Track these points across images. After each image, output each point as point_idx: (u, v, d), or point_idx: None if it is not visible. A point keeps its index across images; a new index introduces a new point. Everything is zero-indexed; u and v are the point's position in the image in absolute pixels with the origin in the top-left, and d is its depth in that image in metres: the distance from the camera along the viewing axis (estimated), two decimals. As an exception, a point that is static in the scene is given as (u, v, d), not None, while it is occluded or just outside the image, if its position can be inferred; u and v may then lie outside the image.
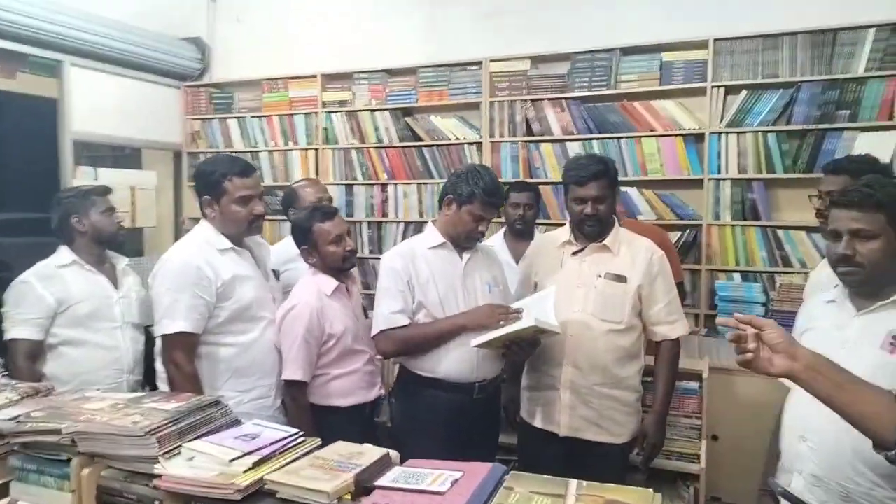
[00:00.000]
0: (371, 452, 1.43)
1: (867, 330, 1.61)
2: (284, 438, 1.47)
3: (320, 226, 2.35)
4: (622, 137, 3.57)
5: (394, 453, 1.46)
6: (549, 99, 3.73)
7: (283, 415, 2.25)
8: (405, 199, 4.12)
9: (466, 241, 2.29)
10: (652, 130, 3.52)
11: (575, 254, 2.30)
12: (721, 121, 3.39)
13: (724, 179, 3.39)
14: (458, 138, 3.96)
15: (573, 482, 1.33)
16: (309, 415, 2.22)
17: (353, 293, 2.46)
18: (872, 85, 3.11)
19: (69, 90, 3.88)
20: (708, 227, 3.43)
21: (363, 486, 1.30)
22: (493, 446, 2.41)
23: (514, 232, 3.24)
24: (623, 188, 3.49)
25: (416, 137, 4.09)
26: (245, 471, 1.31)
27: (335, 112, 4.26)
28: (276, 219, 4.30)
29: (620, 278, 2.23)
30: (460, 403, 2.21)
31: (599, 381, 2.21)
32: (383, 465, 1.40)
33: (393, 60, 4.15)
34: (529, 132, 3.80)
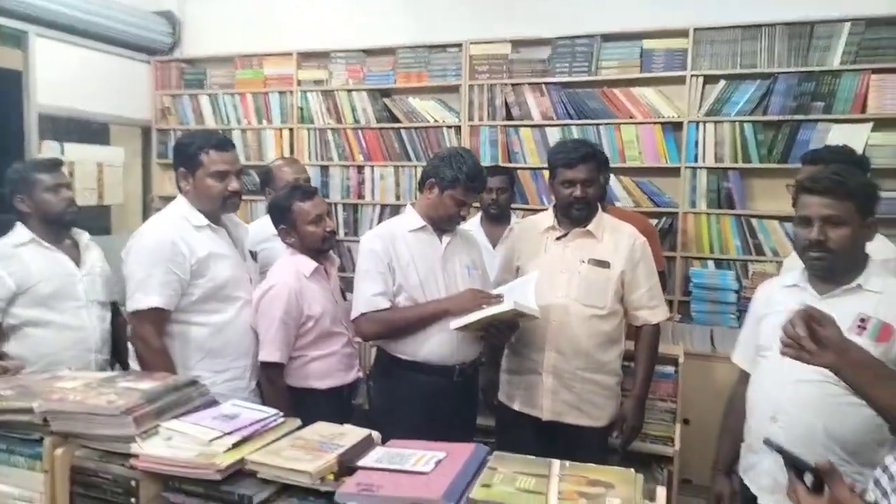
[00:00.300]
0: (353, 433, 1.42)
1: (834, 313, 1.65)
2: (264, 419, 1.44)
3: (300, 205, 2.30)
4: (601, 124, 3.58)
5: (376, 434, 1.45)
6: (529, 83, 3.71)
7: (257, 397, 2.22)
8: (382, 182, 4.08)
9: (448, 225, 2.28)
10: (631, 118, 3.54)
11: (558, 239, 2.31)
12: (699, 110, 3.42)
13: (701, 168, 3.43)
14: (436, 121, 3.93)
15: (556, 462, 1.33)
16: (286, 396, 2.19)
17: (332, 275, 2.43)
18: (847, 78, 3.17)
19: (34, 62, 3.74)
20: (684, 215, 3.47)
21: (346, 466, 1.29)
22: (471, 429, 2.40)
23: (490, 216, 3.24)
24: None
25: (394, 119, 4.05)
26: (225, 451, 1.28)
27: (311, 91, 4.19)
28: (250, 199, 4.23)
29: (603, 264, 2.24)
30: (440, 386, 2.20)
31: (582, 365, 2.23)
32: (366, 445, 1.39)
33: (371, 40, 4.09)
34: (509, 116, 3.79)
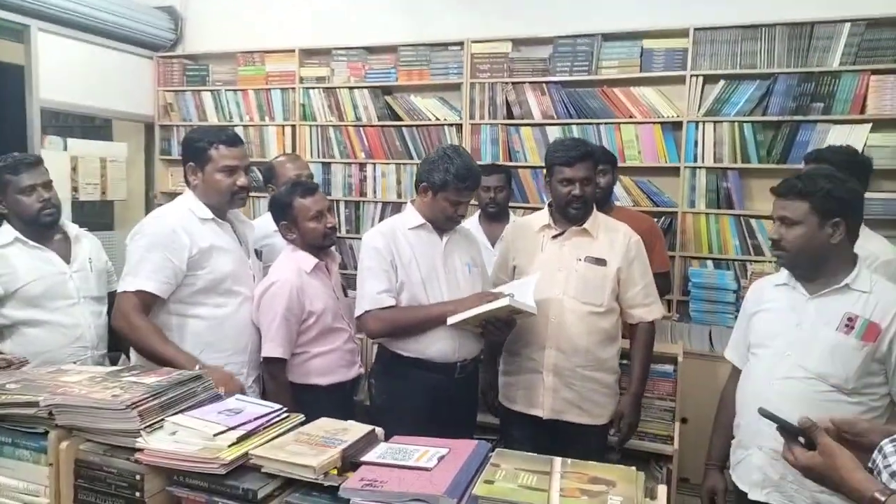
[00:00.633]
0: (357, 429, 1.43)
1: (822, 312, 1.73)
2: (268, 414, 1.46)
3: (301, 201, 2.31)
4: (601, 123, 3.59)
5: (379, 430, 1.46)
6: (530, 82, 3.72)
7: (254, 393, 2.22)
8: (383, 179, 4.08)
9: (447, 225, 2.29)
10: (631, 117, 3.55)
11: (555, 237, 2.32)
12: (699, 110, 3.43)
13: (700, 168, 3.44)
14: (437, 119, 3.94)
15: (558, 460, 1.35)
16: (288, 392, 2.20)
17: (333, 271, 2.43)
18: (846, 79, 3.18)
19: (37, 56, 3.74)
20: (683, 215, 3.48)
21: (350, 461, 1.30)
22: (471, 426, 2.43)
23: (488, 215, 3.25)
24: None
25: (396, 117, 4.05)
26: (230, 445, 1.30)
27: (313, 88, 4.19)
28: (253, 195, 4.22)
29: (600, 261, 2.26)
30: (442, 383, 2.21)
31: (582, 363, 2.24)
32: (369, 441, 1.40)
33: (373, 38, 4.09)
34: (510, 115, 3.79)
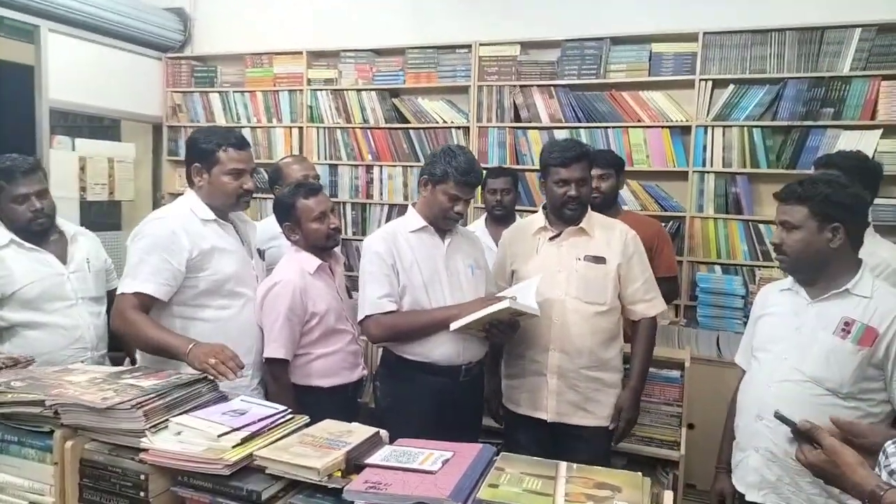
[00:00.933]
0: (361, 431, 1.43)
1: (821, 317, 1.75)
2: (273, 415, 1.46)
3: (304, 202, 2.31)
4: (610, 127, 3.58)
5: (383, 432, 1.45)
6: (537, 85, 3.72)
7: (259, 395, 2.20)
8: (390, 181, 4.09)
9: (444, 223, 2.26)
10: (639, 121, 3.54)
11: (552, 239, 2.30)
12: (708, 114, 3.42)
13: (709, 172, 3.43)
14: (445, 122, 3.94)
15: (563, 464, 1.34)
16: (291, 394, 2.18)
17: (337, 272, 2.43)
18: (857, 84, 3.16)
19: (46, 57, 3.76)
20: (691, 220, 3.47)
21: (354, 463, 1.30)
22: (476, 429, 2.41)
23: (494, 217, 3.24)
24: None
25: (403, 119, 4.06)
26: (234, 446, 1.30)
27: (321, 90, 4.20)
28: (260, 196, 4.25)
29: (600, 260, 2.25)
30: (446, 386, 2.20)
31: (585, 364, 2.23)
32: (373, 443, 1.40)
33: (381, 40, 4.10)
34: (517, 118, 3.79)
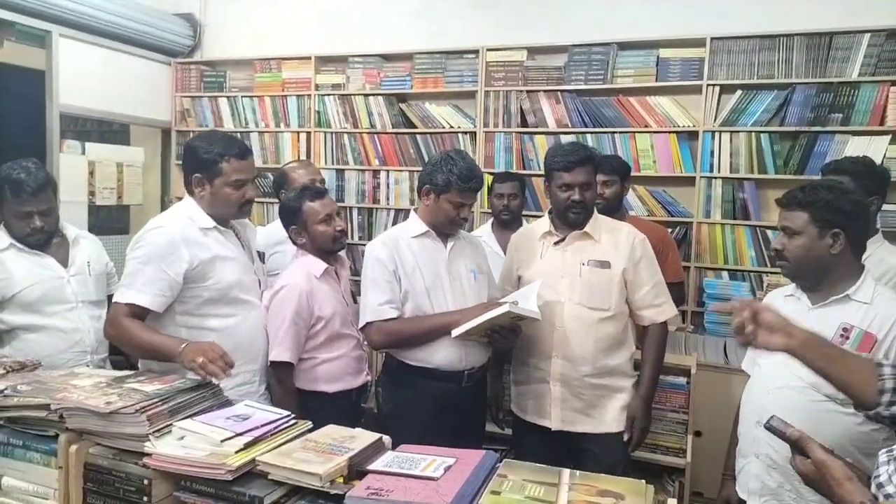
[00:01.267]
0: (364, 436, 1.43)
1: (821, 323, 1.74)
2: (276, 420, 1.46)
3: (310, 205, 2.32)
4: (617, 132, 3.58)
5: (386, 438, 1.46)
6: (544, 91, 3.72)
7: (267, 401, 2.19)
8: (397, 186, 4.09)
9: (450, 229, 2.28)
10: (646, 126, 3.53)
11: (556, 244, 2.29)
12: (715, 119, 3.41)
13: (716, 178, 3.42)
14: (451, 127, 3.94)
15: (566, 471, 1.34)
16: (295, 398, 2.19)
17: (342, 277, 2.43)
18: (865, 89, 3.14)
19: (57, 62, 3.79)
20: (698, 225, 3.45)
21: (356, 469, 1.30)
22: (480, 435, 2.41)
23: (501, 222, 3.24)
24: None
25: (410, 124, 4.06)
26: (237, 451, 1.30)
27: (328, 95, 4.21)
28: (266, 201, 4.27)
29: (604, 264, 2.22)
30: (449, 392, 2.20)
31: (589, 371, 2.20)
32: (376, 449, 1.40)
33: (388, 45, 4.11)
34: (524, 123, 3.79)
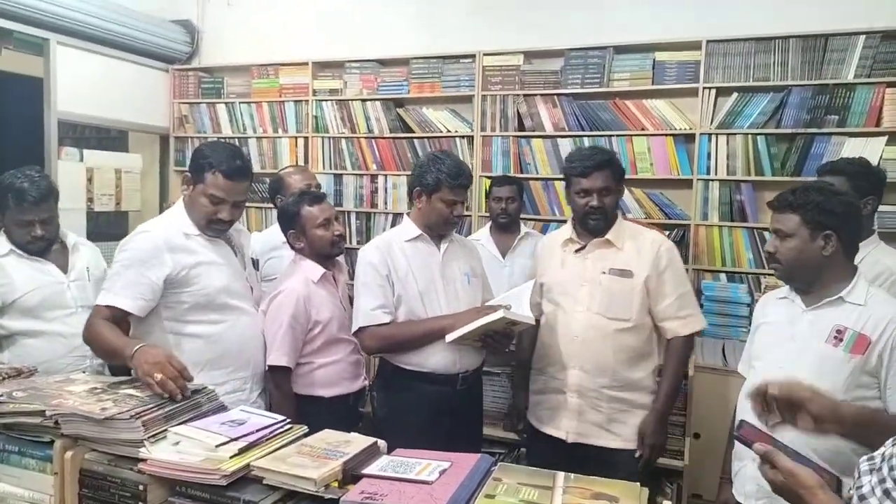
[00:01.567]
0: (359, 441, 1.43)
1: (814, 325, 1.75)
2: (271, 425, 1.46)
3: (308, 209, 2.33)
4: (613, 136, 3.58)
5: (381, 442, 1.46)
6: (541, 95, 3.72)
7: (260, 408, 2.18)
8: (394, 191, 4.10)
9: (445, 229, 2.26)
10: (643, 129, 3.54)
11: (577, 251, 2.24)
12: (711, 122, 3.41)
13: (713, 180, 3.42)
14: (449, 131, 3.95)
15: (561, 475, 1.33)
16: (292, 402, 2.19)
17: (340, 281, 2.44)
18: (861, 91, 3.15)
19: (55, 69, 3.80)
20: (696, 228, 3.45)
21: (351, 474, 1.30)
22: (477, 439, 2.40)
23: (499, 226, 3.26)
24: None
25: (408, 129, 4.07)
26: (231, 456, 1.30)
27: (326, 101, 4.23)
28: (262, 206, 4.28)
29: (626, 273, 2.15)
30: (444, 395, 2.19)
31: (608, 383, 2.14)
32: (371, 453, 1.40)
33: (385, 50, 4.12)
34: (521, 127, 3.80)
